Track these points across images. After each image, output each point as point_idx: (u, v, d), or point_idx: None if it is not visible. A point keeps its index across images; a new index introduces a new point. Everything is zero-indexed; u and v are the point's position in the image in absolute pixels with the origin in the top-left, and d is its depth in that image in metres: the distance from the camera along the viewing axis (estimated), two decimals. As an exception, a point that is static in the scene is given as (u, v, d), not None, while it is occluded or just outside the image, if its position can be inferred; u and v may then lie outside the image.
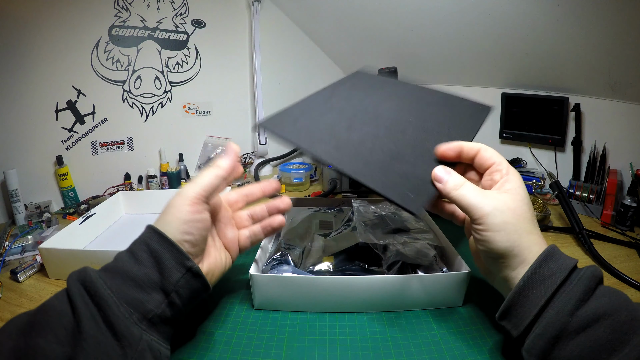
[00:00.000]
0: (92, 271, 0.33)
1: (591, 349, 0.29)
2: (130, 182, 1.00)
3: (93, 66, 0.93)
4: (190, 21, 1.07)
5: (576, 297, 0.30)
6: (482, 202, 0.35)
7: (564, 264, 0.33)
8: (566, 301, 0.31)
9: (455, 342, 0.41)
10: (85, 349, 0.28)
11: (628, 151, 0.82)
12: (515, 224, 0.34)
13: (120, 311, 0.31)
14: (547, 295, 0.31)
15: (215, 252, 0.42)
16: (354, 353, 0.40)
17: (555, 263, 0.33)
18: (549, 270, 0.33)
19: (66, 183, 0.91)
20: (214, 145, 1.17)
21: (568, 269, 0.32)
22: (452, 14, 0.94)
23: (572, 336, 0.30)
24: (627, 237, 0.70)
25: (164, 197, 0.84)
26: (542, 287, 0.32)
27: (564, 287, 0.32)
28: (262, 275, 0.46)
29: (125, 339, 0.30)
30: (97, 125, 0.97)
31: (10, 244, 0.65)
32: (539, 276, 0.33)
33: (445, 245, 0.55)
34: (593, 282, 0.31)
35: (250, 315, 0.47)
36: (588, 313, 0.30)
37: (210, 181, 0.39)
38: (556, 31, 0.81)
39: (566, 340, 0.30)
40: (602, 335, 0.29)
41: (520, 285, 0.33)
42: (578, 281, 0.31)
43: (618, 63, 0.78)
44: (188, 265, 0.35)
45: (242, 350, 0.40)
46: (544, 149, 1.01)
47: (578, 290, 0.31)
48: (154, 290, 0.33)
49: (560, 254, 0.34)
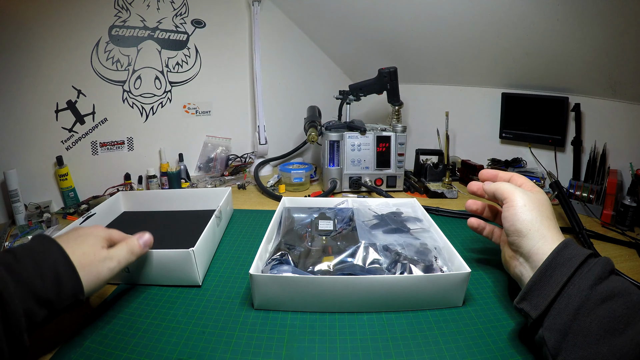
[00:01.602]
0: (5, 274, 0.35)
1: (610, 319, 0.32)
2: (130, 182, 1.00)
3: (93, 66, 0.93)
4: (190, 21, 1.07)
5: (595, 276, 0.35)
6: (513, 190, 0.46)
7: (582, 251, 0.38)
8: (586, 278, 0.35)
9: (455, 342, 0.42)
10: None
11: (628, 151, 0.82)
12: (535, 209, 0.44)
13: (22, 325, 0.34)
14: (568, 274, 0.36)
15: None
16: (354, 353, 0.40)
17: (574, 250, 0.38)
18: (568, 254, 0.38)
19: (66, 183, 0.91)
20: (214, 145, 1.17)
21: (585, 255, 0.37)
22: (452, 14, 0.94)
23: (592, 307, 0.33)
24: (627, 237, 0.70)
25: (164, 197, 0.85)
26: (563, 269, 0.37)
27: (583, 268, 0.36)
28: (262, 275, 0.46)
29: (18, 349, 0.34)
30: (97, 125, 0.97)
31: (10, 244, 0.65)
32: (560, 258, 0.38)
33: (445, 245, 0.55)
34: (608, 267, 0.36)
35: (250, 315, 0.47)
36: (606, 289, 0.34)
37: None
38: (556, 31, 0.81)
39: (587, 311, 0.33)
40: (619, 309, 0.32)
41: (543, 267, 0.38)
42: (595, 264, 0.36)
43: (618, 63, 0.78)
44: (80, 298, 0.39)
45: (242, 350, 0.40)
46: (544, 149, 1.01)
47: (596, 271, 0.35)
48: (45, 307, 0.37)
49: (577, 245, 0.39)
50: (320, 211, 0.68)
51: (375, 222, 0.63)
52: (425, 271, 0.49)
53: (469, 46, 1.02)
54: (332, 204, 0.72)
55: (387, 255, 0.51)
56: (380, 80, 1.03)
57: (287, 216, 0.68)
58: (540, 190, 0.49)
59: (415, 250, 0.53)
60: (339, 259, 0.51)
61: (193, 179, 1.08)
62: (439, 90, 1.25)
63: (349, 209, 0.68)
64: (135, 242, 0.48)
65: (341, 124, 1.02)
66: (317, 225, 0.62)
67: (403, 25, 1.07)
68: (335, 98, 1.15)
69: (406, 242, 0.55)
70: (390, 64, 1.05)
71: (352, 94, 1.11)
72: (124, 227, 0.76)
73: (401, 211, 0.68)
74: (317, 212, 0.68)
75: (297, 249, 0.55)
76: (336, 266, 0.50)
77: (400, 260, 0.50)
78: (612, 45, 0.76)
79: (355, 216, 0.63)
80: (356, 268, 0.50)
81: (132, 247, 0.47)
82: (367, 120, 1.10)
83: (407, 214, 0.67)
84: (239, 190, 1.03)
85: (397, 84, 1.03)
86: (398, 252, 0.52)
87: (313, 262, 0.51)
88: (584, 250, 0.38)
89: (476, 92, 1.16)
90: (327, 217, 0.65)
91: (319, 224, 0.62)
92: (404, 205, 0.71)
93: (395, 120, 1.06)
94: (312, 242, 0.57)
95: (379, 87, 1.05)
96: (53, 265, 0.38)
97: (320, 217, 0.65)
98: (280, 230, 0.63)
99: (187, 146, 1.12)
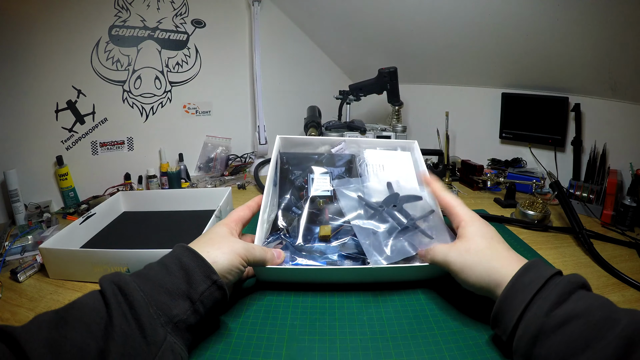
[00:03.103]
0: (125, 275, 0.36)
1: (567, 345, 0.31)
2: (130, 182, 1.00)
3: (93, 66, 0.93)
4: (190, 21, 1.07)
5: (552, 300, 0.34)
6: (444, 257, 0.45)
7: (542, 274, 0.37)
8: (542, 304, 0.34)
9: (455, 342, 0.41)
10: (116, 342, 0.30)
11: (628, 151, 0.82)
12: (476, 261, 0.42)
13: (150, 312, 0.34)
14: (526, 300, 0.35)
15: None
16: (354, 353, 0.40)
17: (535, 274, 0.37)
18: (527, 279, 0.37)
19: (66, 183, 0.91)
20: (214, 145, 1.17)
21: (545, 278, 0.36)
22: (452, 14, 0.94)
23: (549, 334, 0.33)
24: (627, 237, 0.70)
25: (164, 197, 0.85)
26: (521, 295, 0.36)
27: (540, 293, 0.35)
28: (268, 268, 0.48)
29: (152, 337, 0.32)
30: (97, 125, 0.97)
31: (10, 244, 0.65)
32: (519, 285, 0.37)
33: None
34: (569, 288, 0.35)
35: (250, 315, 0.47)
36: (562, 313, 0.33)
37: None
38: (556, 31, 0.81)
39: (544, 338, 0.33)
40: (576, 332, 0.31)
41: (503, 295, 0.38)
42: (555, 287, 0.35)
43: (618, 63, 0.78)
44: (214, 279, 0.39)
45: (242, 350, 0.40)
46: (544, 149, 1.01)
47: (554, 294, 0.34)
48: (181, 298, 0.37)
49: (541, 266, 0.39)
50: (316, 159, 0.65)
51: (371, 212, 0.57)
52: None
53: (469, 46, 1.02)
54: (328, 143, 0.69)
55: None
56: (380, 80, 1.03)
57: (284, 162, 0.65)
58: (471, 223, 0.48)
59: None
60: (337, 223, 0.53)
61: (193, 179, 1.08)
62: (439, 90, 1.25)
63: (347, 155, 0.67)
64: (271, 249, 0.50)
65: (341, 124, 1.02)
66: (313, 181, 0.60)
67: (403, 25, 1.07)
68: (335, 98, 1.15)
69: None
70: (390, 64, 1.05)
71: (352, 94, 1.11)
72: (124, 227, 0.77)
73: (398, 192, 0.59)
74: (313, 160, 0.65)
75: (294, 212, 0.56)
76: (334, 238, 0.53)
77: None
78: (612, 45, 0.76)
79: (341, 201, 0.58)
80: (354, 255, 0.52)
81: (266, 249, 0.48)
82: (367, 120, 1.10)
83: (404, 186, 0.59)
84: (239, 190, 1.03)
85: (397, 84, 1.04)
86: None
87: (311, 238, 0.53)
88: (545, 272, 0.37)
89: (476, 92, 1.16)
90: (324, 172, 0.62)
91: (315, 182, 0.60)
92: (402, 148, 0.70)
93: (395, 120, 1.06)
94: (310, 204, 0.57)
95: (379, 87, 1.05)
96: (176, 258, 0.39)
97: (316, 168, 0.62)
98: (276, 177, 0.62)
99: (187, 146, 1.12)
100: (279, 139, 0.68)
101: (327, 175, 0.62)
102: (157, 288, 0.36)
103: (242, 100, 1.22)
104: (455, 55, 1.09)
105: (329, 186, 0.60)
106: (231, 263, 0.42)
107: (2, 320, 0.47)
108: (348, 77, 1.44)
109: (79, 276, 0.56)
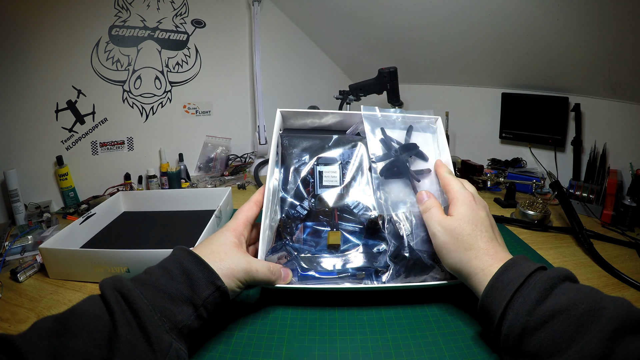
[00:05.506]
0: (127, 280, 0.35)
1: (551, 342, 0.31)
2: (130, 182, 1.00)
3: (93, 66, 0.93)
4: (190, 21, 1.07)
5: (532, 299, 0.34)
6: (434, 225, 0.45)
7: (522, 271, 0.37)
8: (523, 303, 0.34)
9: (455, 342, 0.41)
10: (121, 351, 0.30)
11: (628, 151, 0.82)
12: (456, 245, 0.42)
13: (154, 319, 0.33)
14: (506, 299, 0.35)
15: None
16: (354, 353, 0.40)
17: (515, 272, 0.37)
18: (507, 278, 0.37)
19: (66, 183, 0.91)
20: (213, 145, 1.17)
21: (525, 275, 0.36)
22: (452, 14, 0.94)
23: (533, 333, 0.33)
24: (627, 237, 0.70)
25: (164, 197, 0.85)
26: (502, 294, 0.36)
27: (520, 291, 0.35)
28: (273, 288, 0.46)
29: (158, 345, 0.32)
30: (97, 125, 0.97)
31: (10, 244, 0.65)
32: (499, 284, 0.37)
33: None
34: (549, 283, 0.34)
35: (250, 315, 0.47)
36: (544, 311, 0.33)
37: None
38: (556, 31, 0.81)
39: (529, 337, 0.33)
40: (559, 329, 0.31)
41: (484, 295, 0.38)
42: (535, 284, 0.35)
43: (618, 63, 0.78)
44: (218, 284, 0.39)
45: (242, 350, 0.40)
46: (544, 149, 1.01)
47: (534, 292, 0.34)
48: (184, 304, 0.36)
49: (522, 263, 0.38)
50: (323, 150, 0.55)
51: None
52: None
53: (469, 46, 1.02)
54: (338, 115, 0.61)
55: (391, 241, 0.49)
56: (380, 80, 1.03)
57: (286, 147, 0.56)
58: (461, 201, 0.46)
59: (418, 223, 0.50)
60: (347, 229, 0.50)
61: (193, 179, 1.08)
62: (439, 90, 1.25)
63: (358, 137, 0.59)
64: (275, 264, 0.47)
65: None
66: (320, 175, 0.53)
67: (403, 25, 1.07)
68: (335, 98, 1.15)
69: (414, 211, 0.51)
70: (390, 64, 1.05)
71: (352, 94, 1.11)
72: (124, 227, 0.77)
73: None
74: (319, 146, 0.55)
75: (299, 213, 0.51)
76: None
77: (403, 252, 0.48)
78: (612, 45, 0.76)
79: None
80: (364, 267, 0.49)
81: (271, 269, 0.45)
82: (367, 120, 1.10)
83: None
84: (239, 190, 1.03)
85: (397, 84, 1.03)
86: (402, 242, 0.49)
87: (318, 246, 0.50)
88: (526, 269, 0.37)
89: (476, 92, 1.16)
90: (333, 164, 0.54)
91: (323, 176, 0.53)
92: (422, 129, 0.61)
93: (395, 120, 1.06)
94: (317, 202, 0.51)
95: (379, 87, 1.05)
96: (178, 262, 0.39)
97: (323, 161, 0.54)
98: (279, 161, 0.54)
99: (187, 146, 1.12)
100: (279, 114, 0.58)
101: (337, 165, 0.54)
102: (159, 294, 0.35)
103: (242, 100, 1.22)
104: (455, 55, 1.09)
105: (338, 180, 0.53)
106: (227, 285, 0.40)
107: (2, 320, 0.47)
108: (348, 77, 1.44)
109: (79, 276, 0.56)
